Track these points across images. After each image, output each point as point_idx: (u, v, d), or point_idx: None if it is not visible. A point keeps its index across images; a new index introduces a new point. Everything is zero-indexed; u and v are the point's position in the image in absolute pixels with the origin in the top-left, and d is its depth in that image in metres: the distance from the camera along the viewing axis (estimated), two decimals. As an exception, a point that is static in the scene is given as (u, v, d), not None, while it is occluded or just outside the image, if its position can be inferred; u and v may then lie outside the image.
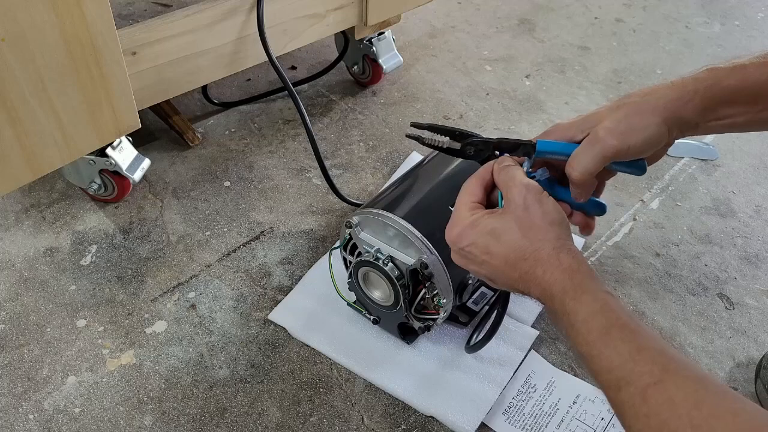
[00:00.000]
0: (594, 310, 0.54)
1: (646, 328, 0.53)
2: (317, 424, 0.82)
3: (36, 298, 0.95)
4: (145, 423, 0.81)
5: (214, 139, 1.24)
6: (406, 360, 0.88)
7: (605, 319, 0.53)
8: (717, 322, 0.96)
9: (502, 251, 0.61)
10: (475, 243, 0.62)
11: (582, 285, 0.56)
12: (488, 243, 0.62)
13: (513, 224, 0.61)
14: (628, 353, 0.50)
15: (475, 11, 1.68)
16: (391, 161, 1.20)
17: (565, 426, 0.82)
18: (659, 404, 0.47)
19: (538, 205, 0.61)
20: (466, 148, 0.69)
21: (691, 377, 0.48)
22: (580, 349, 0.54)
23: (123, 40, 0.89)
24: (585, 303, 0.55)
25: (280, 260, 1.02)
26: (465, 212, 0.64)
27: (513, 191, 0.62)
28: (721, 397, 0.46)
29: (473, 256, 0.63)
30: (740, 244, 1.08)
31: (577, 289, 0.56)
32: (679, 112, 0.63)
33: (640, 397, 0.48)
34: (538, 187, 0.62)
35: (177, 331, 0.92)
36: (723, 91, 0.63)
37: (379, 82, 1.38)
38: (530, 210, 0.61)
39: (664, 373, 0.48)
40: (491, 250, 0.61)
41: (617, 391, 0.50)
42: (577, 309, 0.55)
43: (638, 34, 1.62)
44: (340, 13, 1.16)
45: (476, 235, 0.62)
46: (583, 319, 0.54)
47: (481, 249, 0.62)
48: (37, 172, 0.89)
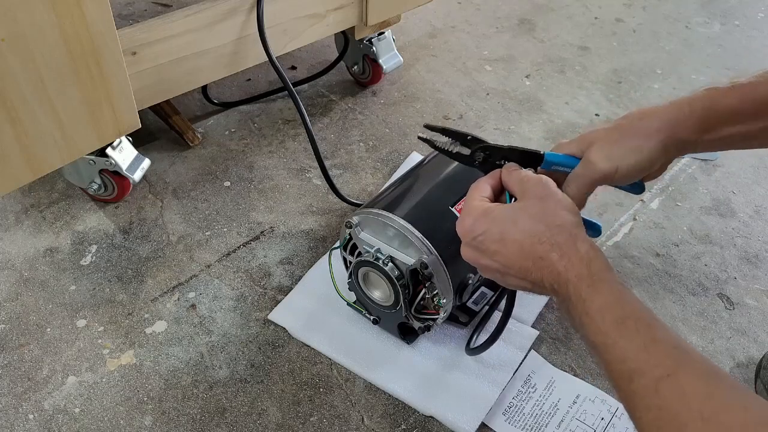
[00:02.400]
0: (610, 300, 0.54)
1: (660, 321, 0.53)
2: (317, 424, 0.82)
3: (36, 298, 0.95)
4: (145, 423, 0.81)
5: (214, 139, 1.24)
6: (406, 360, 0.88)
7: (621, 310, 0.53)
8: (717, 322, 0.96)
9: (517, 237, 0.60)
10: (489, 231, 0.62)
11: (599, 274, 0.56)
12: (503, 230, 0.61)
13: (529, 211, 0.61)
14: (642, 344, 0.51)
15: (475, 11, 1.68)
16: (391, 161, 1.20)
17: (565, 426, 0.82)
18: (671, 397, 0.47)
19: (553, 194, 0.62)
20: (475, 153, 0.69)
21: (704, 371, 0.48)
22: (594, 338, 0.54)
23: (123, 40, 0.89)
24: (601, 292, 0.55)
25: (280, 260, 1.02)
26: (476, 203, 0.64)
27: (529, 183, 0.63)
28: (732, 391, 0.47)
29: (485, 246, 0.62)
30: (740, 244, 1.08)
31: (594, 277, 0.56)
32: (676, 133, 0.64)
33: (653, 389, 0.48)
34: (551, 181, 0.63)
35: (177, 331, 0.92)
36: (721, 111, 0.64)
37: (379, 82, 1.38)
38: (547, 199, 0.61)
39: (677, 366, 0.48)
40: (505, 237, 0.61)
41: (629, 382, 0.50)
42: (593, 297, 0.55)
43: (638, 34, 1.62)
44: (340, 13, 1.16)
45: (490, 223, 0.62)
46: (598, 307, 0.54)
47: (495, 237, 0.61)
48: (37, 172, 0.89)
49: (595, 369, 0.88)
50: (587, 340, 0.55)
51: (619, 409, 0.83)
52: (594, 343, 0.54)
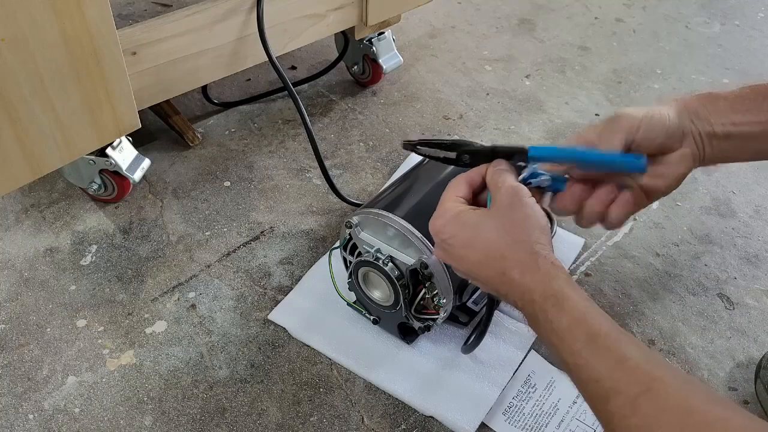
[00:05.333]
0: (577, 317, 0.53)
1: (628, 335, 0.52)
2: (317, 424, 0.82)
3: (36, 298, 0.95)
4: (145, 423, 0.81)
5: (214, 139, 1.24)
6: (406, 360, 0.88)
7: (589, 328, 0.52)
8: (717, 322, 0.96)
9: (482, 247, 0.60)
10: (457, 236, 0.62)
11: (563, 292, 0.55)
12: (469, 236, 0.61)
13: (496, 221, 0.60)
14: (615, 362, 0.50)
15: (475, 11, 1.68)
16: (391, 161, 1.20)
17: (565, 426, 0.82)
18: (650, 414, 0.46)
19: (522, 207, 0.60)
20: (462, 156, 0.67)
21: (680, 384, 0.48)
22: (565, 358, 0.53)
23: (123, 40, 0.89)
24: (567, 311, 0.54)
25: (280, 260, 1.02)
26: (450, 204, 0.64)
27: (501, 192, 0.62)
28: (712, 404, 0.46)
29: (453, 249, 0.62)
30: (740, 244, 1.08)
31: (557, 295, 0.55)
32: (689, 105, 0.64)
33: (630, 408, 0.47)
34: (525, 191, 0.62)
35: (177, 331, 0.92)
36: (724, 99, 0.64)
37: (379, 82, 1.38)
38: (514, 210, 0.60)
39: (652, 381, 0.48)
40: (471, 244, 0.61)
41: (605, 403, 0.49)
42: (560, 317, 0.54)
43: (638, 34, 1.62)
44: (340, 13, 1.16)
45: (458, 228, 0.62)
46: (566, 327, 0.53)
47: (462, 242, 0.61)
48: (37, 172, 0.89)
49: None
50: (559, 358, 0.54)
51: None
52: (566, 362, 0.53)
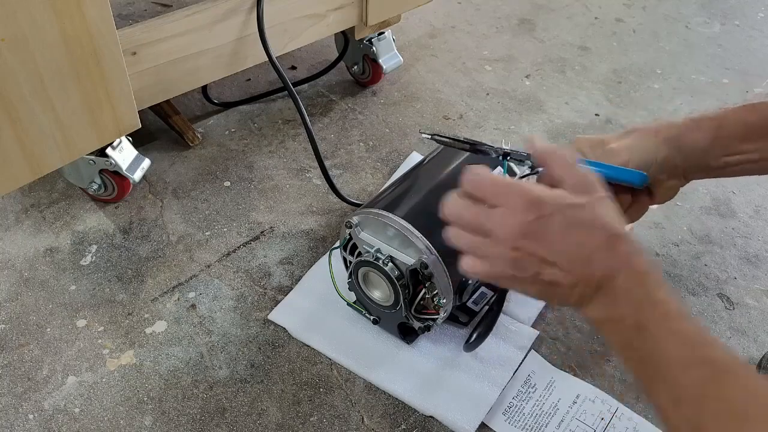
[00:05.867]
0: (686, 345, 0.50)
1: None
2: (317, 424, 0.82)
3: (36, 298, 0.95)
4: (145, 423, 0.81)
5: (214, 139, 1.24)
6: (406, 360, 0.88)
7: (692, 351, 0.49)
8: (717, 322, 0.96)
9: (607, 222, 0.51)
10: (553, 216, 0.51)
11: (663, 306, 0.51)
12: (569, 220, 0.51)
13: (594, 210, 0.52)
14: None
15: (475, 11, 1.68)
16: (391, 161, 1.20)
17: (565, 426, 0.82)
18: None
19: (609, 197, 0.54)
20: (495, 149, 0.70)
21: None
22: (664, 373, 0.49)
23: (123, 40, 0.89)
24: (672, 342, 0.50)
25: (280, 260, 1.02)
26: (529, 186, 0.53)
27: (589, 177, 0.53)
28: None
29: (554, 227, 0.51)
30: (740, 244, 1.08)
31: (670, 314, 0.51)
32: (682, 138, 0.64)
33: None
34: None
35: (177, 331, 0.92)
36: (734, 123, 0.65)
37: (379, 82, 1.38)
38: (604, 200, 0.53)
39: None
40: (571, 228, 0.50)
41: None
42: (666, 344, 0.49)
43: (638, 34, 1.62)
44: (340, 13, 1.16)
45: (554, 208, 0.51)
46: (675, 358, 0.49)
47: (560, 226, 0.51)
48: (37, 172, 0.89)
49: (595, 369, 0.88)
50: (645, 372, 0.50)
51: (619, 409, 0.83)
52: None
